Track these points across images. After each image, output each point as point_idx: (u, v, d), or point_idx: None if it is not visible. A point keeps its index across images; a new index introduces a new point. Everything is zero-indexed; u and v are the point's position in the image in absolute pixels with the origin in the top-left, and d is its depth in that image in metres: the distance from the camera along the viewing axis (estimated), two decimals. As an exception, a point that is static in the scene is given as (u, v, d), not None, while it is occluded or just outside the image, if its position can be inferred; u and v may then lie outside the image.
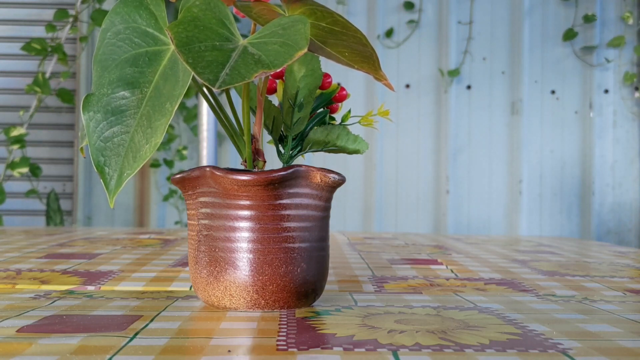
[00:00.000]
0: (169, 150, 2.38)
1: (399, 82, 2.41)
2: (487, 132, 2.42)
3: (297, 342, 0.42)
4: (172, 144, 2.37)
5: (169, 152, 2.38)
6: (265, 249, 0.51)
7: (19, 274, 0.70)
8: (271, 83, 0.59)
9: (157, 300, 0.58)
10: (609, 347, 0.42)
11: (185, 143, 2.39)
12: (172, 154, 2.38)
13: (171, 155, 2.38)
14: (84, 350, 0.40)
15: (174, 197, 2.35)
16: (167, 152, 2.38)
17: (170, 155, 2.38)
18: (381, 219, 2.41)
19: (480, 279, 0.73)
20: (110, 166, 0.47)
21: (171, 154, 2.38)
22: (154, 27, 0.50)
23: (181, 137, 2.39)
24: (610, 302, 0.60)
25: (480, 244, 1.14)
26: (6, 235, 1.15)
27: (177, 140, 2.38)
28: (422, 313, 0.52)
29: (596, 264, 0.88)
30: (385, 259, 0.89)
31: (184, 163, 2.39)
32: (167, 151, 2.38)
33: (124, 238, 1.11)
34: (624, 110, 2.40)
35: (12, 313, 0.51)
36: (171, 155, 2.38)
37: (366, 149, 0.59)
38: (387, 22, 2.43)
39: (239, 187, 0.51)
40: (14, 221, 2.40)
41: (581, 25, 2.39)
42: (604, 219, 2.40)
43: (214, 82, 0.40)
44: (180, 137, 2.39)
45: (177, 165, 2.38)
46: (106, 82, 0.48)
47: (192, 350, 0.40)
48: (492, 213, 2.41)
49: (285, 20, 0.46)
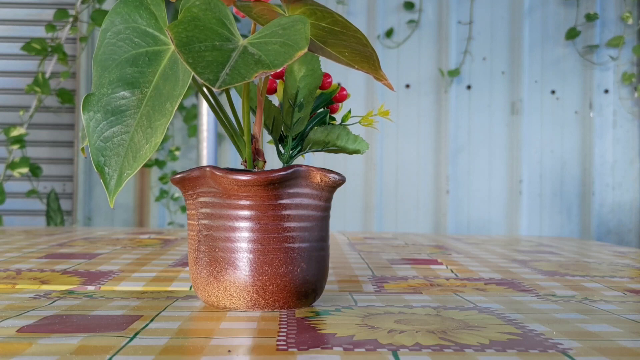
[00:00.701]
0: (162, 150, 2.38)
1: (399, 82, 2.41)
2: (487, 132, 2.42)
3: (297, 342, 0.42)
4: (165, 144, 2.38)
5: (161, 152, 2.38)
6: (265, 249, 0.51)
7: (19, 274, 0.70)
8: (271, 83, 0.59)
9: (157, 300, 0.58)
10: (609, 347, 0.42)
11: (179, 144, 2.39)
12: (164, 154, 2.38)
13: (164, 155, 2.38)
14: (84, 350, 0.40)
15: (166, 197, 2.35)
16: (159, 153, 2.38)
17: (163, 156, 2.38)
18: (381, 219, 2.41)
19: (480, 279, 0.73)
20: (110, 166, 0.47)
21: (164, 154, 2.39)
22: (154, 27, 0.50)
23: (174, 138, 2.39)
24: (610, 302, 0.60)
25: (480, 244, 1.14)
26: (6, 235, 1.15)
27: (170, 141, 2.39)
28: (422, 313, 0.52)
29: (596, 264, 0.88)
30: (385, 259, 0.89)
31: (176, 164, 2.39)
32: (160, 151, 2.38)
33: (124, 238, 1.11)
34: (624, 110, 2.40)
35: (12, 313, 0.51)
36: (164, 156, 2.38)
37: (366, 149, 0.59)
38: (387, 22, 2.43)
39: (239, 187, 0.51)
40: (14, 221, 2.40)
41: (582, 25, 2.39)
42: (604, 219, 2.40)
43: (214, 82, 0.40)
44: (173, 138, 2.39)
45: (169, 166, 2.38)
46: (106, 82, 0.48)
47: (192, 350, 0.40)
48: (492, 213, 2.41)
49: (285, 20, 0.46)
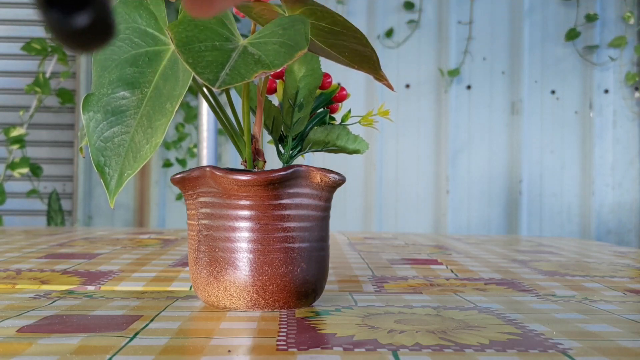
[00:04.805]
0: (180, 149, 2.38)
1: (399, 82, 2.41)
2: (487, 132, 2.42)
3: (297, 342, 0.42)
4: (182, 143, 2.38)
5: (180, 151, 2.38)
6: (265, 249, 0.51)
7: (19, 274, 0.70)
8: (271, 83, 0.59)
9: (157, 300, 0.58)
10: (609, 347, 0.42)
11: (195, 141, 2.39)
12: (183, 152, 2.38)
13: (183, 154, 2.38)
14: (84, 350, 0.40)
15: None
16: (179, 151, 2.38)
17: (182, 154, 2.38)
18: (381, 219, 2.41)
19: (480, 279, 0.72)
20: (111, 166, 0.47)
21: (183, 152, 2.38)
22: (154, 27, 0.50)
23: (192, 136, 2.39)
24: (610, 302, 0.60)
25: (480, 244, 1.14)
26: (6, 235, 1.15)
27: (187, 139, 2.39)
28: (422, 313, 0.52)
29: (596, 264, 0.88)
30: (385, 259, 0.89)
31: (195, 161, 2.39)
32: (179, 150, 2.38)
33: (124, 238, 1.11)
34: (624, 110, 2.40)
35: (12, 313, 0.51)
36: (183, 154, 2.38)
37: (366, 149, 0.59)
38: (387, 22, 2.43)
39: (239, 187, 0.51)
40: (15, 221, 2.40)
41: (582, 25, 2.39)
42: (604, 219, 2.40)
43: (214, 82, 0.40)
44: (190, 136, 2.39)
45: (190, 164, 2.39)
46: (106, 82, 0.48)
47: (192, 350, 0.40)
48: (492, 213, 2.41)
49: (285, 20, 0.46)
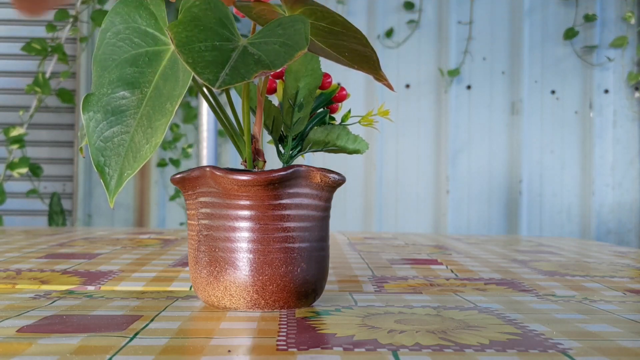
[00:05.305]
0: (175, 149, 2.38)
1: (399, 82, 2.41)
2: (487, 132, 2.42)
3: (297, 342, 0.42)
4: (177, 143, 2.37)
5: (175, 151, 2.38)
6: (265, 249, 0.51)
7: (19, 274, 0.70)
8: (271, 83, 0.59)
9: (157, 300, 0.58)
10: (609, 347, 0.42)
11: (191, 141, 2.39)
12: (178, 153, 2.38)
13: (177, 154, 2.38)
14: (84, 350, 0.40)
15: (181, 197, 2.32)
16: (173, 152, 2.38)
17: (177, 155, 2.38)
18: (381, 219, 2.41)
19: (480, 279, 0.72)
20: (111, 166, 0.47)
21: (177, 153, 2.38)
22: (154, 27, 0.50)
23: (187, 136, 2.39)
24: (610, 302, 0.60)
25: (480, 244, 1.14)
26: (6, 235, 1.15)
27: (182, 139, 2.38)
28: (422, 313, 0.52)
29: (596, 264, 0.88)
30: (385, 259, 0.89)
31: (190, 162, 2.39)
32: (174, 150, 2.38)
33: (124, 238, 1.11)
34: (624, 110, 2.40)
35: (12, 313, 0.51)
36: (177, 154, 2.38)
37: (366, 149, 0.59)
38: (387, 22, 2.43)
39: (239, 187, 0.51)
40: (15, 221, 2.40)
41: (581, 25, 2.39)
42: (604, 219, 2.40)
43: (214, 82, 0.40)
44: (186, 136, 2.38)
45: (184, 164, 2.38)
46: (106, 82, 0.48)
47: (192, 350, 0.40)
48: (492, 213, 2.41)
49: (285, 20, 0.46)
